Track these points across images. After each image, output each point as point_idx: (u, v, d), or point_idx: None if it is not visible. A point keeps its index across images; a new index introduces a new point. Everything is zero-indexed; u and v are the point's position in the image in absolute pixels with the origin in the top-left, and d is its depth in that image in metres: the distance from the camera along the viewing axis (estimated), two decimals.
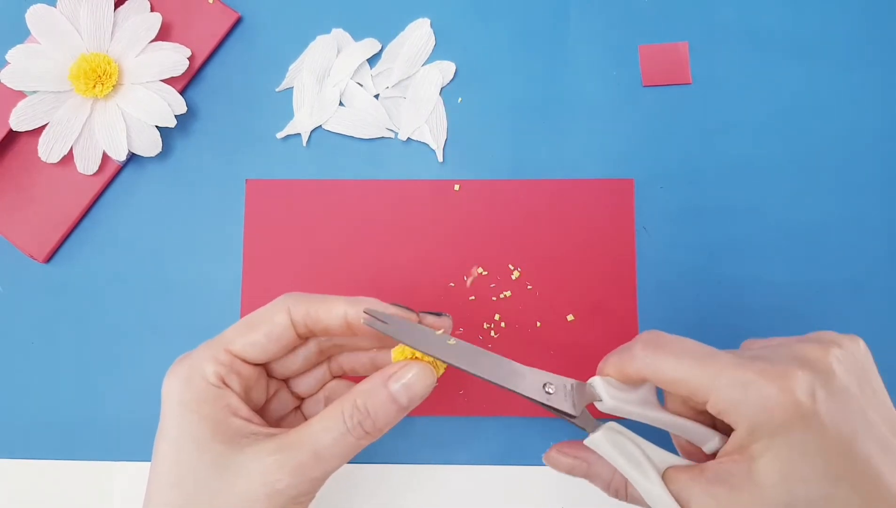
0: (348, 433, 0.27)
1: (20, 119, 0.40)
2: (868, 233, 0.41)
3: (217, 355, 0.28)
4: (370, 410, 0.27)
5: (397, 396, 0.27)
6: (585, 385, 0.30)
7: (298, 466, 0.26)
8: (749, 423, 0.25)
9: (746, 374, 0.26)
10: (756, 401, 0.25)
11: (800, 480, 0.24)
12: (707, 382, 0.26)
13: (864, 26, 0.43)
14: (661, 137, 0.42)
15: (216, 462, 0.27)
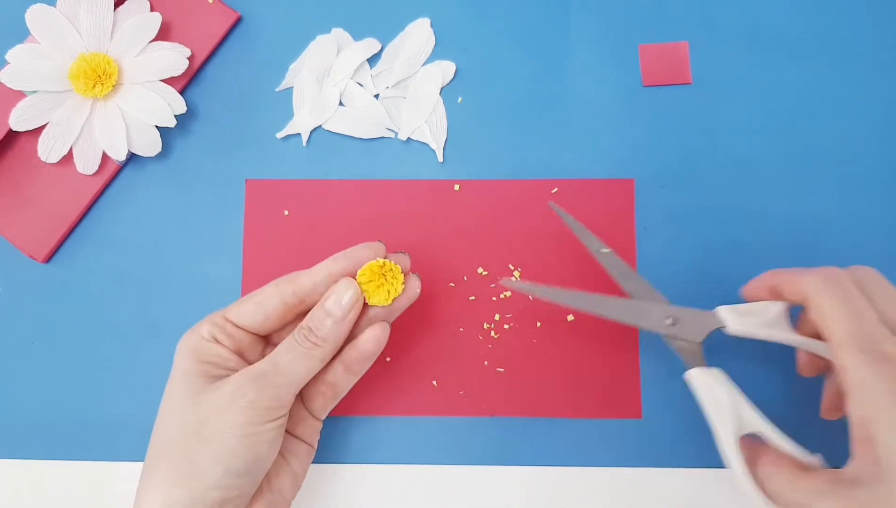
0: (297, 344, 0.33)
1: (20, 119, 0.40)
2: (869, 233, 0.41)
3: (214, 318, 0.34)
4: (312, 325, 0.33)
5: (330, 309, 0.33)
6: (709, 314, 0.34)
7: (261, 374, 0.32)
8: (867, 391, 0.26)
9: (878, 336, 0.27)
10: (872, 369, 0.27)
11: None
12: (843, 333, 0.28)
13: (865, 26, 0.43)
14: (661, 136, 0.42)
15: (198, 390, 0.32)
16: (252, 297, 0.34)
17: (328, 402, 0.36)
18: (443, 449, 0.40)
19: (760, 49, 0.43)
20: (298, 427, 0.36)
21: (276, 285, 0.34)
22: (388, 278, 0.34)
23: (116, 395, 0.41)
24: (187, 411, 0.32)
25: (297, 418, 0.36)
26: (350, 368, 0.35)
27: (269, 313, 0.34)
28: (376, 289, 0.34)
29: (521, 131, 0.43)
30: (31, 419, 0.41)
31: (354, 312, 0.33)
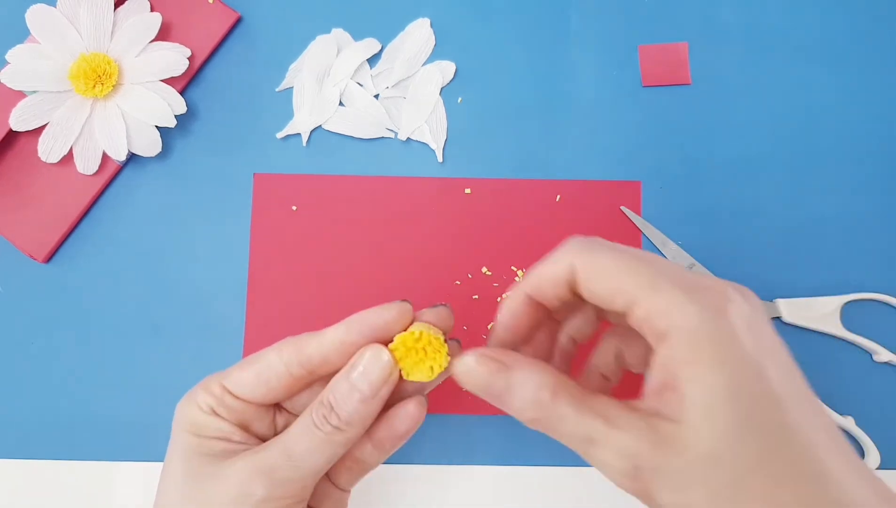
0: (316, 428, 0.27)
1: (20, 119, 0.40)
2: (870, 233, 0.41)
3: (211, 387, 0.29)
4: (333, 402, 0.27)
5: (357, 384, 0.27)
6: (767, 304, 0.38)
7: (270, 468, 0.27)
8: (685, 336, 0.23)
9: (690, 286, 0.24)
10: (693, 314, 0.23)
11: (737, 401, 0.22)
12: (641, 286, 0.24)
13: (865, 26, 0.43)
14: (661, 137, 0.42)
15: (199, 473, 0.27)
16: (252, 364, 0.29)
17: (355, 476, 0.31)
18: (444, 450, 0.40)
19: (760, 49, 0.43)
20: (324, 504, 0.31)
21: (279, 352, 0.28)
22: (429, 352, 0.27)
23: (116, 395, 0.41)
24: (187, 502, 0.27)
25: (321, 493, 0.31)
26: (381, 446, 0.30)
27: (272, 386, 0.28)
28: (415, 364, 0.27)
29: (521, 131, 0.43)
30: (31, 419, 0.40)
31: (387, 388, 0.27)
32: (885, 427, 0.39)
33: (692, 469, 0.22)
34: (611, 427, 0.23)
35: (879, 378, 0.40)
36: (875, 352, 0.40)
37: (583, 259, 0.25)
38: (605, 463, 0.23)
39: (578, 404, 0.24)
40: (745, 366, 0.22)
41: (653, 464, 0.22)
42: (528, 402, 0.25)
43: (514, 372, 0.25)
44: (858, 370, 0.40)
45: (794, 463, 0.22)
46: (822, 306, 0.40)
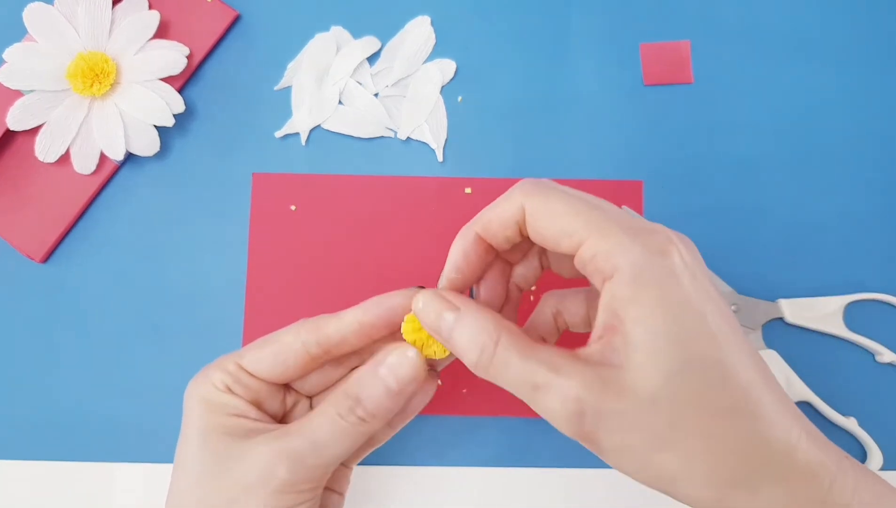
0: (341, 418, 0.28)
1: (17, 118, 0.40)
2: (872, 232, 0.41)
3: (226, 365, 0.29)
4: (360, 396, 0.28)
5: (385, 379, 0.28)
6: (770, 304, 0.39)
7: (295, 454, 0.27)
8: (630, 275, 0.23)
9: (635, 229, 0.24)
10: (638, 254, 0.23)
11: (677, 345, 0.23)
12: (590, 225, 0.24)
13: (867, 25, 0.43)
14: (663, 136, 0.42)
15: (219, 452, 0.28)
16: (269, 344, 0.30)
17: (362, 453, 0.33)
18: (444, 450, 0.40)
19: (762, 48, 0.43)
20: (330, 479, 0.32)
21: (296, 332, 0.30)
22: None
23: (115, 396, 0.40)
24: (208, 482, 0.28)
25: None
26: (393, 424, 0.32)
27: (289, 365, 0.30)
28: (427, 342, 0.29)
29: (521, 130, 0.42)
30: (30, 419, 0.40)
31: (414, 386, 0.28)
32: (888, 428, 0.39)
33: (634, 411, 0.23)
34: (555, 374, 0.24)
35: (882, 379, 0.40)
36: (878, 353, 0.39)
37: (533, 201, 0.26)
38: (550, 409, 0.24)
39: (523, 351, 0.24)
40: (686, 306, 0.23)
41: (596, 408, 0.23)
42: (472, 344, 0.25)
43: (461, 313, 0.26)
44: (861, 370, 0.40)
45: (730, 399, 0.23)
46: (824, 307, 0.40)
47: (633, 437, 0.23)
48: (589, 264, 0.24)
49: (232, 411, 0.29)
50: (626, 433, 0.23)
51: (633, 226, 0.24)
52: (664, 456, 0.23)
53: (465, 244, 0.28)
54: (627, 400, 0.23)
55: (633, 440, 0.23)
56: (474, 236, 0.28)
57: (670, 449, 0.23)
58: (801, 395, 0.39)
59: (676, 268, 0.24)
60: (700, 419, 0.23)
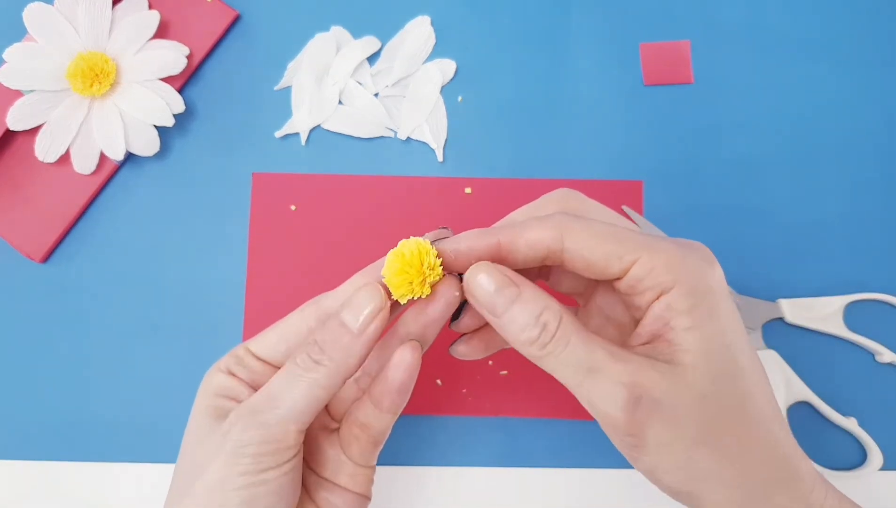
0: (295, 365, 0.26)
1: (17, 118, 0.40)
2: (873, 232, 0.41)
3: (236, 350, 0.30)
4: (318, 338, 0.26)
5: (344, 318, 0.26)
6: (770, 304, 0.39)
7: (250, 410, 0.26)
8: (688, 287, 0.24)
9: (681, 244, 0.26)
10: (694, 266, 0.25)
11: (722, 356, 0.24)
12: (640, 246, 0.25)
13: (867, 25, 0.43)
14: (663, 136, 0.42)
15: (203, 429, 0.27)
16: (276, 326, 0.30)
17: (366, 447, 0.30)
18: (445, 450, 0.40)
19: (762, 48, 0.43)
20: (340, 476, 0.30)
21: (301, 310, 0.29)
22: (424, 269, 0.26)
23: (115, 396, 0.40)
24: (188, 456, 0.28)
25: (335, 465, 0.30)
26: (379, 403, 0.29)
27: (291, 343, 0.29)
28: (405, 282, 0.26)
29: (521, 130, 0.42)
30: (30, 419, 0.40)
31: (377, 324, 0.26)
32: (888, 428, 0.39)
33: (687, 405, 0.24)
34: (613, 358, 0.24)
35: (882, 379, 0.40)
36: (878, 353, 0.39)
37: (574, 229, 0.25)
38: (603, 394, 0.24)
39: (582, 333, 0.24)
40: (733, 317, 0.25)
41: (655, 395, 0.24)
42: (533, 320, 0.24)
43: (522, 289, 0.25)
44: (861, 370, 0.40)
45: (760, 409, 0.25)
46: (824, 307, 0.40)
47: (679, 429, 0.24)
48: (644, 280, 0.25)
49: (227, 392, 0.28)
50: (676, 425, 0.24)
51: (677, 242, 0.26)
52: (703, 454, 0.24)
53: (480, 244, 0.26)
54: (681, 394, 0.24)
55: (679, 434, 0.24)
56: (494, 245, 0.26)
57: (709, 448, 0.24)
58: (801, 395, 0.39)
59: (723, 281, 0.25)
60: (736, 423, 0.24)
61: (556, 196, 0.28)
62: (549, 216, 0.26)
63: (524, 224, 0.26)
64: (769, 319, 0.40)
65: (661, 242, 0.25)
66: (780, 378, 0.39)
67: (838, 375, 0.40)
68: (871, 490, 0.39)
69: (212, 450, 0.26)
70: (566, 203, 0.28)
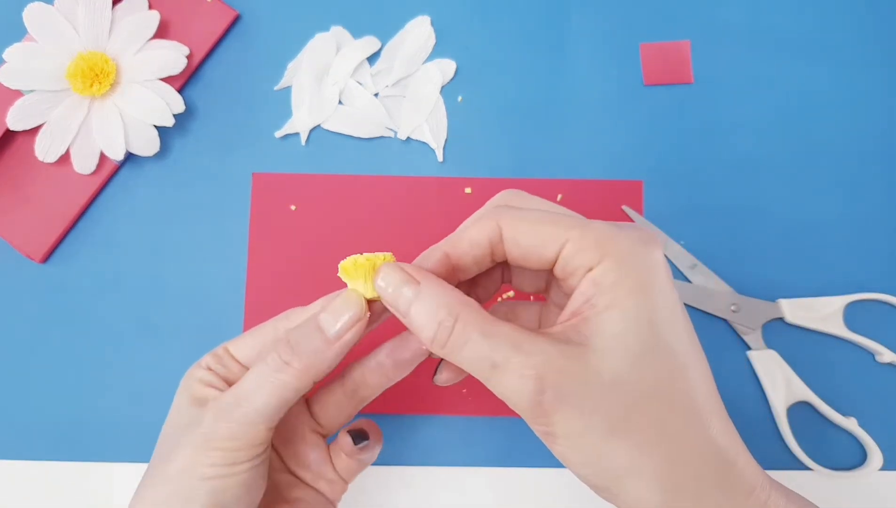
0: (264, 364, 0.27)
1: (17, 118, 0.40)
2: (873, 232, 0.41)
3: (216, 349, 0.31)
4: (291, 338, 0.27)
5: (322, 323, 0.27)
6: (770, 304, 0.39)
7: (223, 406, 0.27)
8: (614, 262, 0.23)
9: (618, 225, 0.25)
10: (625, 244, 0.24)
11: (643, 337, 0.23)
12: (572, 226, 0.24)
13: (867, 25, 0.43)
14: (663, 136, 0.42)
15: (183, 420, 0.28)
16: (253, 332, 0.31)
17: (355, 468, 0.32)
18: (445, 450, 0.40)
19: (762, 48, 0.43)
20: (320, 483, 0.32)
21: (276, 321, 0.30)
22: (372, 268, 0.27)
23: (114, 396, 0.40)
24: (164, 440, 0.29)
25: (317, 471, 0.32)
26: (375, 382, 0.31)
27: (262, 349, 0.30)
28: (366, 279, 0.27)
29: (521, 130, 0.42)
30: (29, 419, 0.40)
31: (354, 333, 0.27)
32: (888, 429, 0.39)
33: (596, 394, 0.23)
34: (516, 351, 0.23)
35: (882, 379, 0.40)
36: (878, 353, 0.39)
37: (508, 215, 0.25)
38: (509, 388, 0.23)
39: (484, 328, 0.24)
40: (663, 295, 0.24)
41: (557, 388, 0.23)
42: (430, 320, 0.24)
43: (421, 287, 0.25)
44: (861, 370, 0.40)
45: (688, 397, 0.23)
46: (824, 307, 0.40)
47: (589, 420, 0.23)
48: (575, 259, 0.24)
49: (204, 381, 0.29)
50: (584, 417, 0.23)
51: (615, 223, 0.25)
52: (617, 445, 0.23)
53: (429, 262, 0.26)
54: (590, 382, 0.23)
55: (590, 424, 0.23)
56: (441, 257, 0.26)
57: (625, 438, 0.23)
58: (801, 395, 0.39)
59: (659, 260, 0.24)
60: (658, 409, 0.23)
61: (497, 199, 0.28)
62: (484, 212, 0.26)
63: (463, 228, 0.26)
64: (769, 319, 0.40)
65: (594, 222, 0.25)
66: (780, 378, 0.39)
67: (838, 375, 0.40)
68: (871, 490, 0.39)
69: (185, 437, 0.27)
70: (507, 202, 0.28)
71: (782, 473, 0.39)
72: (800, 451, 0.38)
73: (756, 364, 0.39)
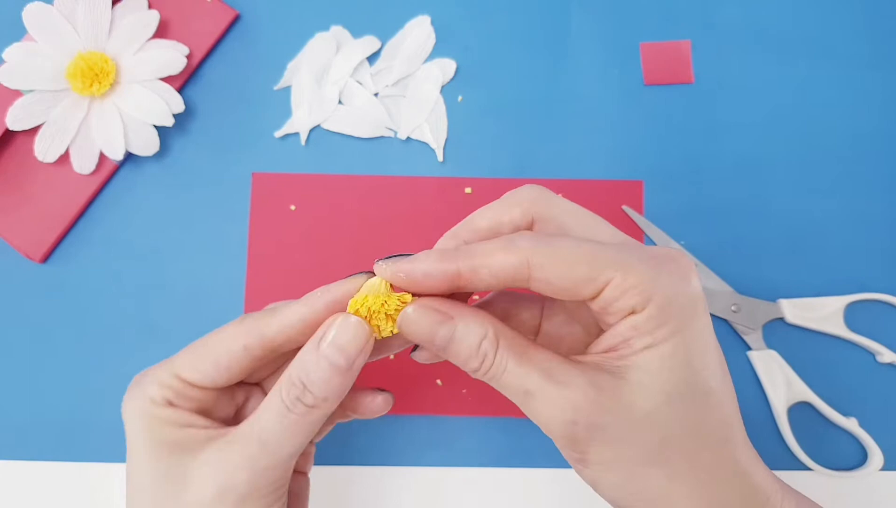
0: (288, 411, 0.25)
1: (16, 118, 0.40)
2: (874, 232, 0.41)
3: (164, 379, 0.27)
4: (305, 380, 0.25)
5: (330, 357, 0.25)
6: (770, 304, 0.39)
7: (246, 458, 0.25)
8: (657, 308, 0.23)
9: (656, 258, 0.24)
10: (667, 285, 0.23)
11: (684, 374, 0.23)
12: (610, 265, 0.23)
13: (867, 24, 0.43)
14: (663, 136, 0.42)
15: (171, 471, 0.26)
16: (209, 351, 0.27)
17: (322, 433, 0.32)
18: (444, 449, 0.40)
19: (762, 48, 0.43)
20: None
21: (234, 333, 0.27)
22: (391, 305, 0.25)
23: (114, 396, 0.40)
24: (158, 499, 0.26)
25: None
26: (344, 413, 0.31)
27: (233, 370, 0.27)
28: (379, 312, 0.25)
29: (522, 130, 0.42)
30: (29, 420, 0.40)
31: (363, 357, 0.26)
32: (889, 429, 0.39)
33: (630, 427, 0.23)
34: (549, 381, 0.23)
35: (883, 379, 0.40)
36: (878, 353, 0.39)
37: (539, 254, 0.24)
38: (542, 415, 0.24)
39: (519, 356, 0.24)
40: (701, 335, 0.24)
41: (590, 420, 0.23)
42: (472, 352, 0.24)
43: (457, 322, 0.25)
44: (862, 371, 0.40)
45: (719, 429, 0.24)
46: (825, 307, 0.39)
47: (626, 452, 0.23)
48: (616, 303, 0.23)
49: (177, 422, 0.26)
50: (619, 447, 0.23)
51: (652, 256, 0.24)
52: (650, 474, 0.23)
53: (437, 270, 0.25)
54: (624, 415, 0.23)
55: (622, 455, 0.23)
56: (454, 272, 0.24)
57: (657, 468, 0.23)
58: (801, 395, 0.39)
59: (698, 296, 0.24)
60: (689, 442, 0.23)
61: (522, 195, 0.27)
62: (513, 242, 0.24)
63: (487, 251, 0.24)
64: (770, 319, 0.40)
65: (634, 259, 0.24)
66: (780, 379, 0.39)
67: (839, 375, 0.40)
68: (871, 490, 0.39)
69: (204, 497, 0.25)
70: (533, 205, 0.26)
71: (783, 473, 0.39)
72: (800, 451, 0.38)
73: (756, 364, 0.39)
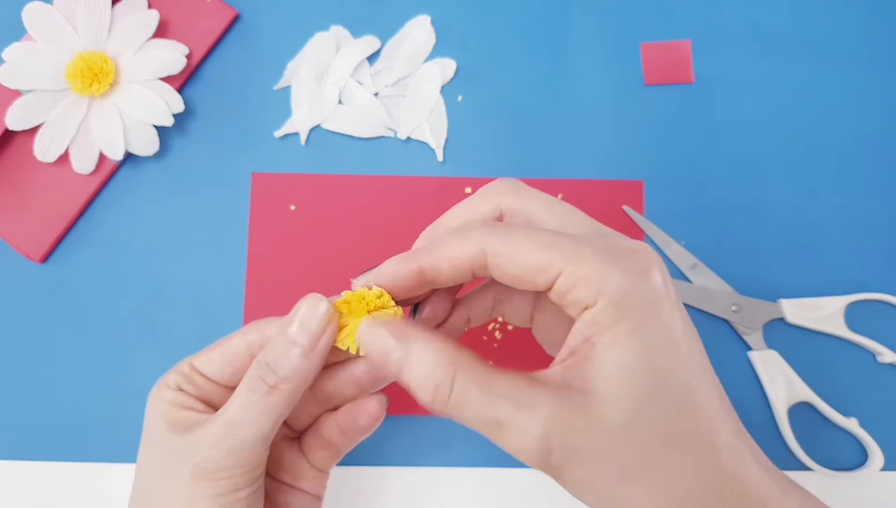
0: (252, 391, 0.26)
1: (16, 118, 0.40)
2: (874, 232, 0.41)
3: (182, 367, 0.29)
4: (269, 360, 0.26)
5: (294, 337, 0.26)
6: (770, 305, 0.39)
7: (213, 437, 0.26)
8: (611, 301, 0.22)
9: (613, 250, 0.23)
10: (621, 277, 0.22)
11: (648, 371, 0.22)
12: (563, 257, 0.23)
13: (867, 25, 0.43)
14: (664, 136, 0.42)
15: (167, 448, 0.27)
16: (219, 346, 0.29)
17: (330, 458, 0.31)
18: (444, 449, 0.40)
19: (763, 47, 0.43)
20: (302, 481, 0.31)
21: (244, 332, 0.29)
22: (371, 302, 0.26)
23: (114, 396, 0.40)
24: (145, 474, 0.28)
25: (297, 471, 0.31)
26: (346, 434, 0.30)
27: (236, 366, 0.28)
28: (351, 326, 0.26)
29: (522, 130, 0.42)
30: (29, 420, 0.40)
31: (328, 338, 0.26)
32: (890, 429, 0.39)
33: (604, 444, 0.22)
34: (518, 409, 0.22)
35: (883, 379, 0.40)
36: (879, 353, 0.39)
37: (494, 242, 0.23)
38: (516, 447, 0.23)
39: (482, 384, 0.23)
40: (663, 332, 0.23)
41: (564, 444, 0.22)
42: (426, 382, 0.23)
43: (411, 344, 0.23)
44: (862, 371, 0.40)
45: (696, 432, 0.22)
46: (825, 307, 0.39)
47: (599, 470, 0.22)
48: (569, 294, 0.23)
49: (180, 404, 0.28)
50: (597, 467, 0.22)
51: (610, 248, 0.23)
52: (631, 489, 0.22)
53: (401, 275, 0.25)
54: (596, 433, 0.22)
55: (600, 473, 0.22)
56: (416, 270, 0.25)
57: (637, 481, 0.22)
58: (802, 395, 0.39)
59: (658, 291, 0.23)
60: (667, 451, 0.22)
61: (492, 189, 0.26)
62: (468, 232, 0.24)
63: (444, 244, 0.24)
64: (770, 319, 0.39)
65: (588, 249, 0.23)
66: (781, 379, 0.39)
67: (839, 375, 0.40)
68: (871, 490, 0.39)
69: (176, 468, 0.26)
70: (502, 197, 0.26)
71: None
72: (800, 451, 0.38)
73: (757, 365, 0.39)
